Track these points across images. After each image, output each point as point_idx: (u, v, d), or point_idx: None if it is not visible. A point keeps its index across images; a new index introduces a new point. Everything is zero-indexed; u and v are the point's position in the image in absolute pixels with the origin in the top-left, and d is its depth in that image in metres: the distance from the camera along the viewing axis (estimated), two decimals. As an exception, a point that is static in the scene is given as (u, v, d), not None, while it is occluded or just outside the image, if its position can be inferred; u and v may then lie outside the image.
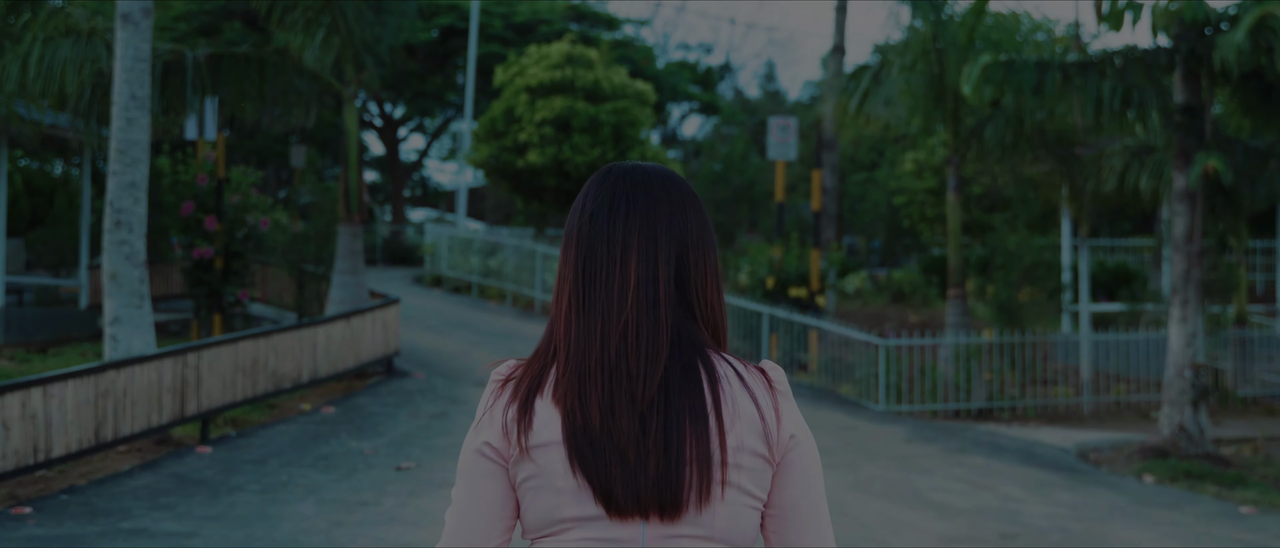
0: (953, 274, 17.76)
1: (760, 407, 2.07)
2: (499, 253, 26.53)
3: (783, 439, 2.08)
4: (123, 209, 11.92)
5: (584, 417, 2.02)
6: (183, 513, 9.43)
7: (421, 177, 50.44)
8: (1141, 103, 13.60)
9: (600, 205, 2.14)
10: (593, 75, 24.46)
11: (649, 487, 2.01)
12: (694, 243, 2.14)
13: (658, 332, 2.05)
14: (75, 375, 10.12)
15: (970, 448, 13.69)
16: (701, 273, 2.15)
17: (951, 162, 17.82)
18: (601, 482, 2.01)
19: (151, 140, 21.34)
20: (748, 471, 2.05)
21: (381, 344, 16.32)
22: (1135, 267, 25.36)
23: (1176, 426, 13.47)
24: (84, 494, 9.96)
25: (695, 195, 2.22)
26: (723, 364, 2.09)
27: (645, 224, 2.11)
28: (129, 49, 11.94)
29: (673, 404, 2.02)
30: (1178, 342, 13.57)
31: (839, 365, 17.87)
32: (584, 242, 2.12)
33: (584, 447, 2.02)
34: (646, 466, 2.00)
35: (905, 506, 10.50)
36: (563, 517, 2.04)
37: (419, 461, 11.55)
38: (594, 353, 2.05)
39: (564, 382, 2.05)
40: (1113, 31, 13.38)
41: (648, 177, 2.17)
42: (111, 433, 10.61)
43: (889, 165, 31.70)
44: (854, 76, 19.30)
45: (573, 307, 2.09)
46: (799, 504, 2.11)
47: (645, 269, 2.09)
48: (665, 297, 2.08)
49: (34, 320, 19.82)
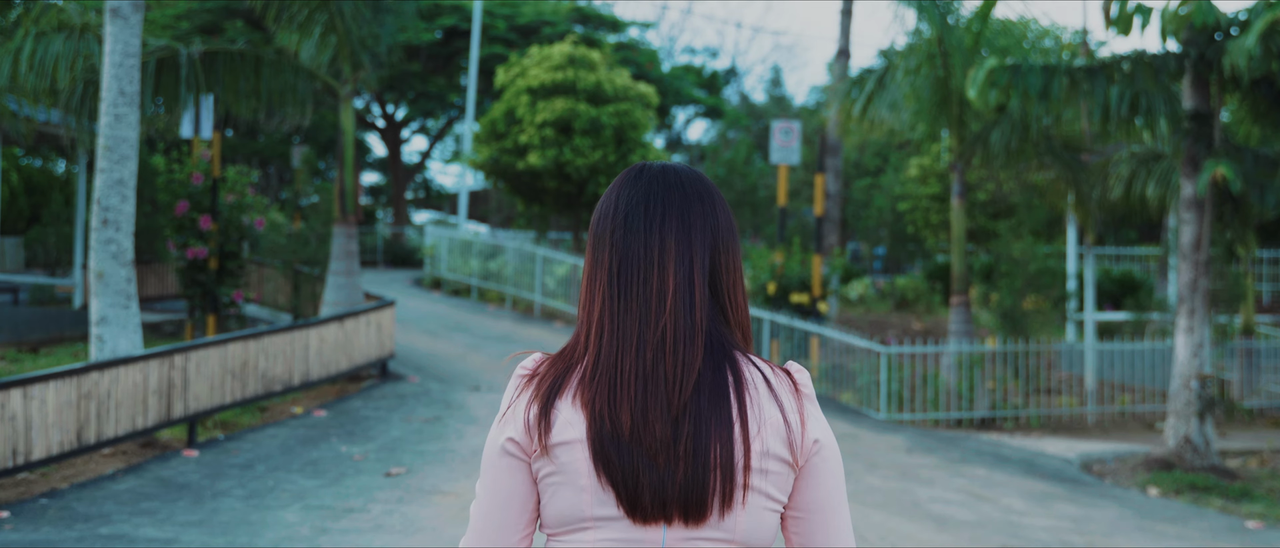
0: (956, 281, 17.53)
1: (785, 412, 2.08)
2: (499, 256, 26.31)
3: (806, 444, 2.10)
4: (110, 207, 11.71)
5: (614, 422, 2.02)
6: (164, 519, 9.21)
7: (424, 179, 50.23)
8: (1149, 109, 13.36)
9: (635, 206, 2.12)
10: (595, 77, 24.20)
11: (676, 492, 2.01)
12: (724, 244, 2.15)
13: (695, 337, 2.06)
14: (56, 377, 9.90)
15: (972, 458, 13.45)
16: (732, 274, 2.16)
17: (956, 167, 17.58)
18: (628, 487, 2.01)
19: (145, 138, 21.21)
20: (771, 475, 2.06)
21: (376, 347, 16.10)
22: (1141, 275, 25.13)
23: (1182, 437, 13.24)
24: (64, 498, 9.74)
25: (722, 195, 2.21)
26: (750, 369, 2.10)
27: (681, 226, 2.11)
28: (118, 44, 11.74)
29: (704, 410, 2.03)
30: (1184, 352, 13.34)
31: (840, 373, 17.64)
32: (619, 243, 2.11)
33: (611, 452, 2.01)
34: (676, 471, 2.01)
35: (904, 517, 10.27)
36: (584, 516, 2.04)
37: (409, 466, 11.33)
38: (630, 357, 2.05)
39: (593, 385, 2.04)
40: (1121, 36, 13.15)
41: (680, 176, 2.17)
42: (94, 436, 10.39)
43: (894, 171, 31.47)
44: (858, 81, 19.06)
45: (607, 309, 2.08)
46: (821, 507, 2.13)
47: (682, 273, 2.09)
48: (701, 301, 2.09)
49: (27, 320, 19.63)
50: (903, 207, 27.34)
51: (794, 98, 51.87)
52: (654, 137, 45.59)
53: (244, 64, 15.85)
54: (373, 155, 46.69)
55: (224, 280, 17.09)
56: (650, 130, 25.76)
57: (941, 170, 25.29)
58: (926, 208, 26.05)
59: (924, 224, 26.41)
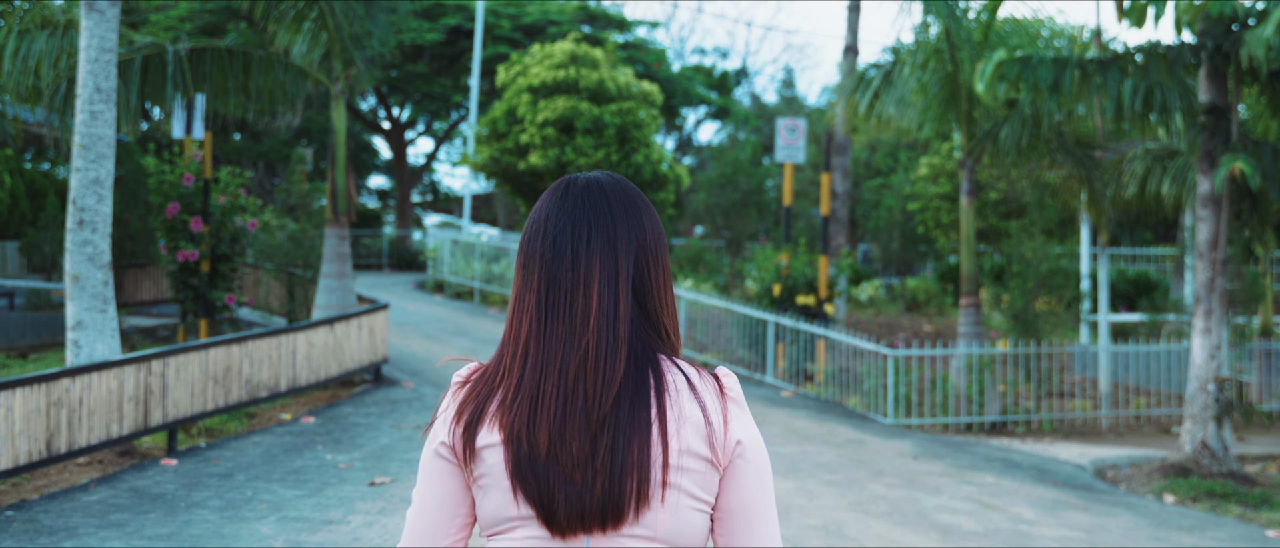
0: (966, 282, 17.08)
1: (707, 412, 2.10)
2: (502, 258, 25.91)
3: (729, 444, 2.12)
4: (86, 207, 11.32)
5: (531, 443, 2.05)
6: (133, 532, 8.81)
7: (432, 181, 49.82)
8: (1164, 103, 12.90)
9: (562, 228, 2.16)
10: (597, 75, 23.72)
11: (593, 505, 2.04)
12: (650, 247, 2.19)
13: (617, 351, 2.09)
14: (23, 383, 9.50)
15: (981, 465, 13.00)
16: (657, 279, 2.19)
17: (965, 165, 17.13)
18: (544, 505, 2.04)
19: (137, 139, 20.86)
20: (690, 473, 2.08)
21: (368, 351, 15.69)
22: (1156, 276, 24.65)
23: (1199, 442, 12.78)
24: (31, 510, 9.35)
25: (646, 199, 2.25)
26: (673, 372, 2.13)
27: (605, 243, 2.15)
28: (94, 39, 11.35)
29: (623, 420, 2.06)
30: (1201, 354, 12.88)
31: (847, 376, 17.19)
32: (548, 266, 2.14)
33: (528, 473, 2.05)
34: (593, 485, 2.03)
35: (908, 528, 9.83)
36: (510, 516, 2.08)
37: (395, 475, 10.92)
38: (552, 378, 2.08)
39: (514, 407, 2.08)
40: (1135, 28, 12.71)
41: (605, 191, 2.20)
42: (65, 445, 9.99)
43: (904, 171, 30.98)
44: (864, 76, 18.60)
45: (534, 331, 2.12)
46: (745, 508, 2.14)
47: (607, 288, 2.13)
48: (625, 313, 2.12)
49: (19, 325, 19.27)
50: (913, 207, 26.84)
51: (806, 98, 51.33)
52: (663, 138, 45.16)
53: (232, 62, 15.46)
54: (379, 158, 46.27)
55: (216, 284, 16.70)
56: (655, 130, 25.27)
57: (952, 169, 24.80)
58: (937, 208, 25.53)
59: (934, 224, 25.89)
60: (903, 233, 29.69)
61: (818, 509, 10.23)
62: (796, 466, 12.07)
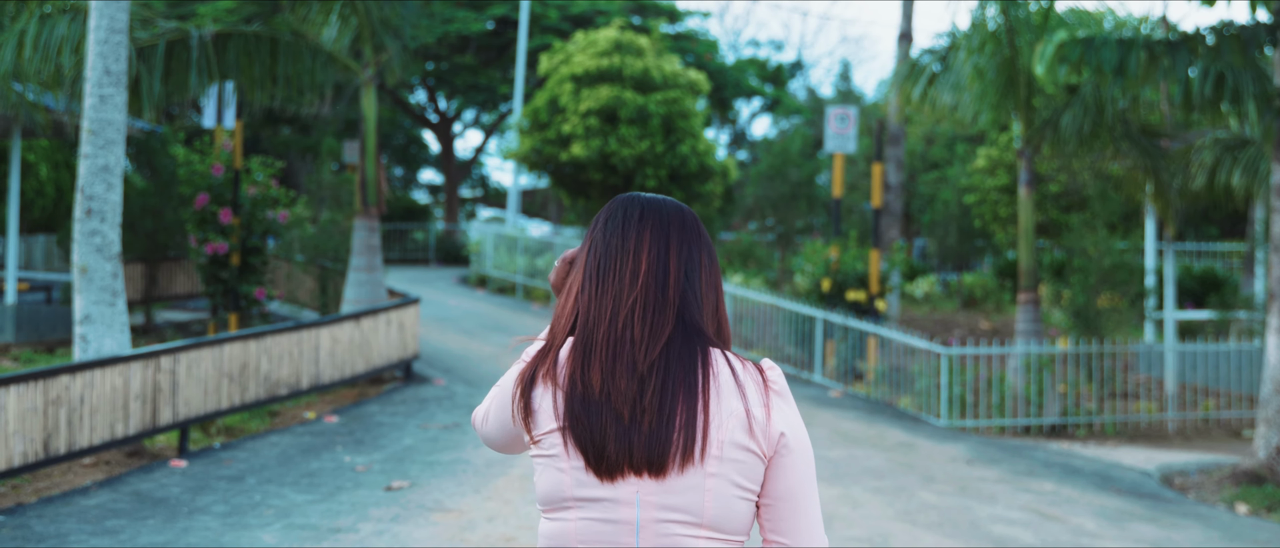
0: (1024, 277, 16.29)
1: (749, 403, 2.25)
2: (546, 253, 25.31)
3: (773, 435, 2.25)
4: (94, 196, 10.80)
5: (584, 384, 2.23)
6: (127, 540, 8.26)
7: (482, 175, 49.32)
8: (1236, 88, 12.07)
9: (614, 215, 2.37)
10: (642, 63, 23.00)
11: (640, 443, 2.19)
12: (701, 241, 2.37)
13: (665, 308, 2.27)
14: (18, 381, 8.98)
15: (1040, 470, 12.25)
16: (706, 269, 2.36)
17: (1024, 154, 16.33)
18: (594, 441, 2.21)
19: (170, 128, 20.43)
20: (732, 462, 2.22)
21: (397, 348, 15.12)
22: (1224, 272, 23.69)
23: (1273, 448, 11.97)
24: (25, 515, 8.82)
25: (704, 231, 2.41)
26: (720, 360, 2.28)
27: (657, 235, 2.33)
28: (103, 19, 10.84)
29: (671, 370, 2.23)
30: (1275, 353, 12.06)
31: (899, 375, 16.44)
32: (598, 242, 2.34)
33: (580, 413, 2.22)
34: (641, 423, 2.20)
35: (960, 539, 9.11)
36: (566, 496, 2.23)
37: (414, 479, 10.32)
38: (603, 327, 2.26)
39: (569, 358, 2.27)
40: (1205, 7, 11.93)
41: (660, 203, 2.39)
42: (65, 445, 9.46)
43: (960, 163, 30.07)
44: (918, 62, 17.81)
45: (585, 293, 2.31)
46: (789, 497, 2.27)
47: (657, 259, 2.31)
48: (675, 280, 2.30)
49: (51, 319, 18.88)
50: (970, 200, 25.95)
51: (863, 92, 50.36)
52: (715, 131, 44.38)
53: (259, 47, 14.93)
54: (429, 152, 45.81)
55: (246, 277, 16.22)
56: (703, 121, 24.53)
57: (1010, 161, 23.94)
58: (995, 201, 24.62)
59: (992, 218, 24.98)
60: (959, 227, 28.83)
61: (862, 519, 9.54)
62: (842, 471, 11.37)
